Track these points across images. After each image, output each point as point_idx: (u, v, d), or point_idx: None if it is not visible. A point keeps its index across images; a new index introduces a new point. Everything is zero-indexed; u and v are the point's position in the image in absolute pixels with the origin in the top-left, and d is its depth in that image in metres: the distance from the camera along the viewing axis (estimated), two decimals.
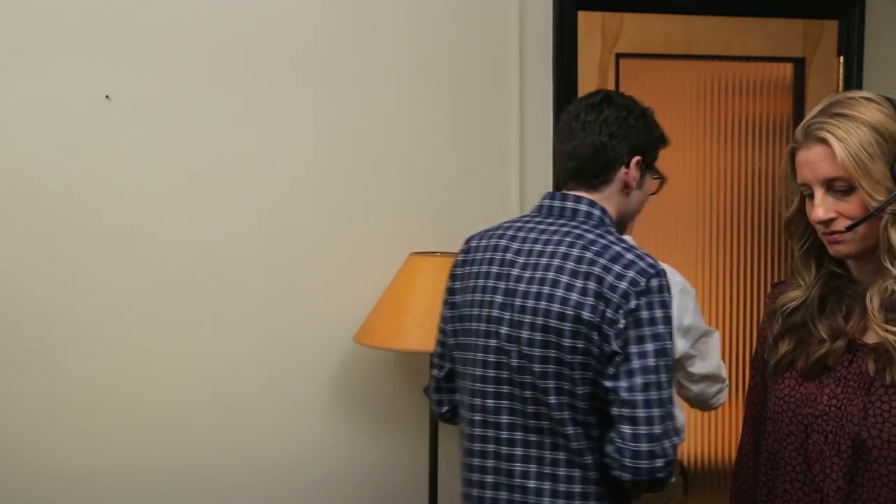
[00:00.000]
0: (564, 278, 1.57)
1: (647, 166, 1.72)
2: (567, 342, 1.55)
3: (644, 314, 1.52)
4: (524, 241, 1.66)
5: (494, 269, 1.67)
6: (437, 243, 2.50)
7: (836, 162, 1.29)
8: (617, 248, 1.58)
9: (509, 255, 1.66)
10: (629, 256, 1.56)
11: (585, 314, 1.54)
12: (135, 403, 2.35)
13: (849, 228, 1.30)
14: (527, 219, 1.72)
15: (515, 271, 1.64)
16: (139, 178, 2.33)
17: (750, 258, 2.97)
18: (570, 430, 1.57)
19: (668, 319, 1.55)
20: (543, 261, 1.60)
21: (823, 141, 1.30)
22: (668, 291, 1.56)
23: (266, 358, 2.44)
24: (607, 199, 1.68)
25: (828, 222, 1.33)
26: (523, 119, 2.60)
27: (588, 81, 2.69)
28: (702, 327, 2.12)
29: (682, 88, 2.87)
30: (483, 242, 1.74)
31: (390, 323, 2.26)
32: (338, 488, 2.52)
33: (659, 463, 1.51)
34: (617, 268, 1.54)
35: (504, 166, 2.60)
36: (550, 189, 2.60)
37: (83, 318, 2.30)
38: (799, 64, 2.88)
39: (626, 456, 1.51)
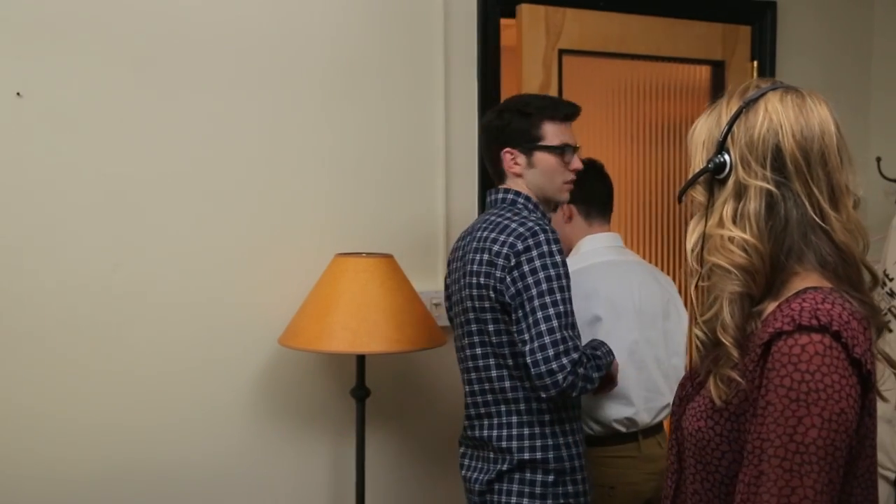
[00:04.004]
0: (475, 255, 2.03)
1: (525, 151, 2.10)
2: (478, 303, 2.02)
3: (525, 268, 1.94)
4: (469, 232, 2.12)
5: (455, 263, 2.15)
6: (362, 244, 2.49)
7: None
8: (508, 222, 2.00)
9: (460, 251, 2.14)
10: (513, 226, 1.98)
11: (482, 279, 1.99)
12: (50, 410, 2.27)
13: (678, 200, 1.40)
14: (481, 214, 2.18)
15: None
16: (53, 178, 2.25)
17: (672, 246, 3.06)
18: (493, 373, 2.06)
19: (546, 266, 1.93)
20: (469, 244, 2.07)
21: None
22: (547, 245, 1.94)
23: (188, 361, 2.39)
24: (514, 185, 2.12)
25: None
26: (448, 118, 2.62)
27: (532, 77, 2.69)
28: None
29: (618, 86, 2.93)
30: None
31: (316, 324, 2.24)
32: (264, 492, 2.49)
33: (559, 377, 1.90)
34: (501, 237, 1.98)
35: (430, 166, 2.61)
36: (477, 188, 2.65)
37: None
38: (718, 67, 2.97)
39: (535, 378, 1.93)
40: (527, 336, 1.92)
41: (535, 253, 1.94)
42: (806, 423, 1.14)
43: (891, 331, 2.77)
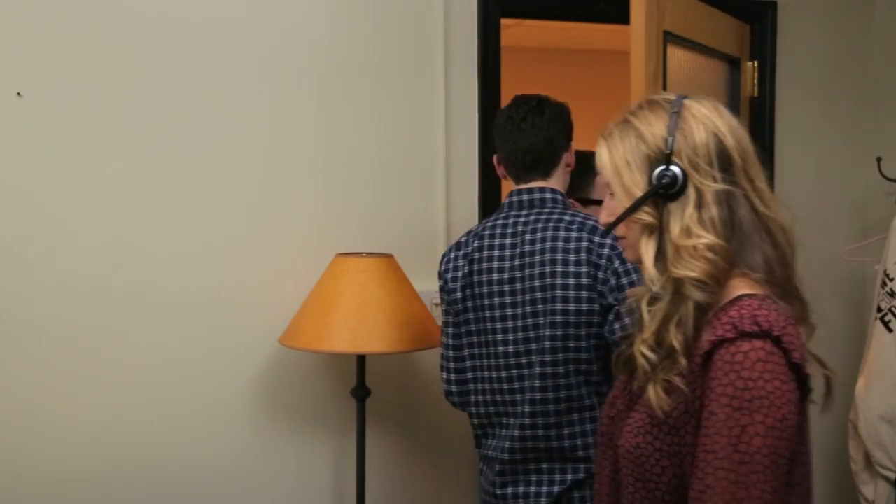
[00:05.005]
0: (560, 255, 1.94)
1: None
2: (573, 305, 1.93)
3: (620, 268, 1.90)
4: (514, 234, 2.01)
5: (495, 264, 2.03)
6: (362, 244, 2.49)
7: (601, 168, 1.33)
8: (590, 222, 1.95)
9: (507, 251, 2.02)
10: (591, 223, 1.94)
11: (584, 280, 1.92)
12: (50, 410, 2.27)
13: (603, 234, 1.34)
14: (504, 214, 2.06)
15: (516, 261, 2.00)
16: (53, 178, 2.26)
17: None
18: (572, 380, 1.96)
19: (629, 272, 1.89)
20: (538, 246, 1.96)
21: (599, 148, 1.34)
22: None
23: (189, 361, 2.39)
24: (556, 181, 2.07)
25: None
26: (448, 118, 2.61)
27: (644, 61, 2.33)
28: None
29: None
30: (475, 243, 2.07)
31: (316, 324, 2.24)
32: (264, 492, 2.48)
33: None
34: (597, 238, 1.92)
35: (430, 166, 2.61)
36: (477, 188, 2.65)
37: None
38: (734, 64, 2.91)
39: None
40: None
41: (618, 251, 1.90)
42: (750, 432, 1.13)
43: (890, 331, 2.77)
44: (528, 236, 1.97)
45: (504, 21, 2.71)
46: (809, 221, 3.08)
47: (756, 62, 2.97)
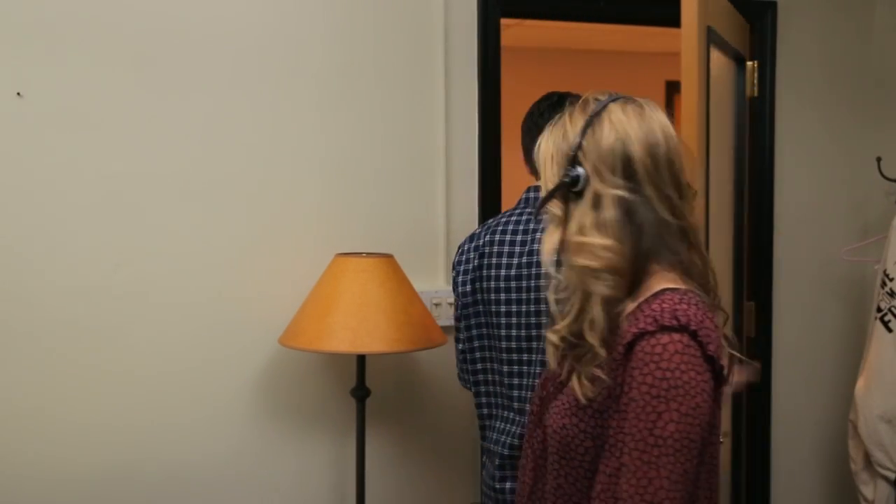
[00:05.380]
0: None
1: None
2: None
3: None
4: (525, 231, 2.02)
5: (504, 260, 2.04)
6: (362, 244, 2.49)
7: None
8: None
9: (516, 247, 2.04)
10: None
11: None
12: (50, 410, 2.27)
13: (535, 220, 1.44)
14: (518, 211, 2.07)
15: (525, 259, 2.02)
16: (53, 178, 2.26)
17: None
18: None
19: None
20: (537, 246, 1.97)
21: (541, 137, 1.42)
22: None
23: (189, 361, 2.40)
24: None
25: None
26: (448, 118, 2.61)
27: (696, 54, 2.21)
28: None
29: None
30: (486, 237, 2.09)
31: (316, 324, 2.24)
32: (264, 492, 2.49)
33: None
34: None
35: (430, 166, 2.61)
36: (477, 188, 2.65)
37: None
38: (739, 62, 2.92)
39: None
40: None
41: None
42: (665, 418, 1.22)
43: (890, 331, 2.77)
44: (537, 234, 1.98)
45: (504, 21, 2.71)
46: (809, 221, 3.09)
47: (756, 62, 2.97)
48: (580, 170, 1.33)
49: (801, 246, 3.08)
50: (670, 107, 1.46)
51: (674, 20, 2.22)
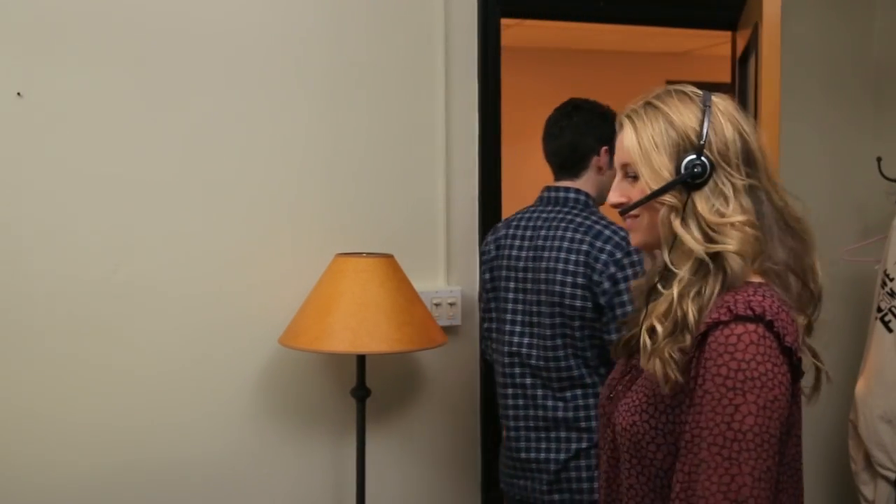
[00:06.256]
0: (562, 254, 2.13)
1: (611, 154, 2.19)
2: (568, 301, 2.11)
3: (619, 275, 2.07)
4: (535, 228, 2.22)
5: (514, 252, 2.25)
6: (362, 244, 2.49)
7: (626, 148, 1.34)
8: (598, 226, 2.13)
9: (525, 242, 2.23)
10: (606, 233, 2.11)
11: (580, 280, 2.10)
12: (50, 410, 2.27)
13: (622, 213, 1.37)
14: (532, 208, 2.27)
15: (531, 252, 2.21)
16: (53, 178, 2.26)
17: None
18: (571, 362, 2.15)
19: (629, 277, 2.04)
20: (548, 243, 2.16)
21: (622, 127, 1.36)
22: (637, 255, 2.03)
23: (189, 361, 2.39)
24: (585, 182, 2.24)
25: (619, 206, 1.38)
26: (448, 118, 2.61)
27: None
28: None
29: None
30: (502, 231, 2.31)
31: (316, 325, 2.24)
32: (264, 492, 2.49)
33: None
34: (598, 242, 2.10)
35: (430, 166, 2.61)
36: (477, 188, 2.65)
37: None
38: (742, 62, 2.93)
39: None
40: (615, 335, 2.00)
41: (626, 261, 2.08)
42: (742, 411, 1.17)
43: (891, 331, 2.77)
44: (543, 232, 2.19)
45: (504, 21, 2.71)
46: (809, 221, 3.08)
47: (756, 62, 2.96)
48: (703, 160, 1.29)
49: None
50: None
51: (674, 20, 2.25)
